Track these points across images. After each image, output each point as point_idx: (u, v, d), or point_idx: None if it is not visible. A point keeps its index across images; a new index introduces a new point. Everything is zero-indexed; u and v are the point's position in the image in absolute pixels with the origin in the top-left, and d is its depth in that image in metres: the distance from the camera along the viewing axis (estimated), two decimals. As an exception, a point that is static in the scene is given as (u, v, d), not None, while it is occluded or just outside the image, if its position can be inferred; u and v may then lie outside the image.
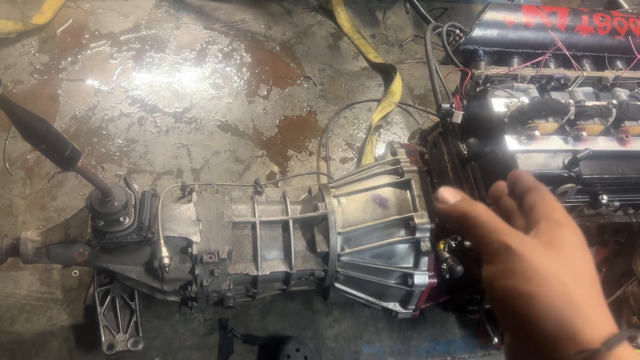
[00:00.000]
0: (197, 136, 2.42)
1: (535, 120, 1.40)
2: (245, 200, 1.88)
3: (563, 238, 0.63)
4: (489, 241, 0.63)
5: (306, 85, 2.73)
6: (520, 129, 1.40)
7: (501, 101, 1.48)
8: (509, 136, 1.41)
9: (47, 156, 1.31)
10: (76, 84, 2.45)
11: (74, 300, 1.98)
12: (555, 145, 1.43)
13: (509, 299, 0.58)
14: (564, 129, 1.45)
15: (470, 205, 0.68)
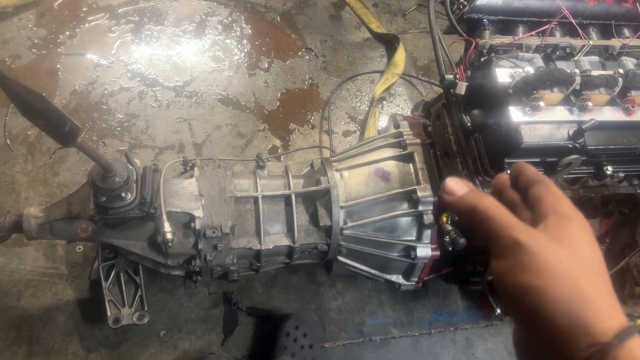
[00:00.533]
0: (198, 110, 2.40)
1: (540, 91, 1.37)
2: (247, 174, 1.87)
3: (572, 232, 0.63)
4: (498, 236, 0.62)
5: (308, 57, 2.70)
6: (525, 100, 1.38)
7: (506, 71, 1.45)
8: (514, 107, 1.39)
9: (45, 132, 1.29)
10: (75, 58, 2.42)
11: (79, 275, 1.99)
12: (560, 116, 1.41)
13: (520, 293, 0.59)
14: (569, 100, 1.42)
15: (479, 199, 0.67)
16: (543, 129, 1.39)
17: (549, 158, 1.44)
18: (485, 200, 0.66)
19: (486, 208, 0.65)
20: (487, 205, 0.65)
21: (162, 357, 1.93)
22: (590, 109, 1.42)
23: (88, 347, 1.90)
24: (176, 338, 1.96)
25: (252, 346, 2.01)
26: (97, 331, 1.92)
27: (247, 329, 2.03)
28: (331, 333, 2.09)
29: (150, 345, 1.94)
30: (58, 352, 1.87)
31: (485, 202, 0.66)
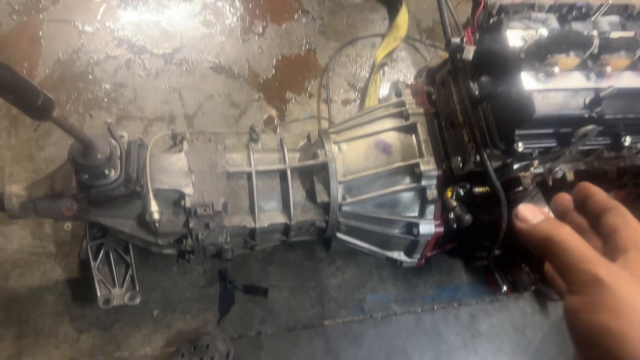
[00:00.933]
0: (189, 79, 2.28)
1: (554, 55, 1.25)
2: (240, 148, 1.77)
3: None
4: (576, 270, 0.57)
5: (304, 20, 2.55)
6: (538, 66, 1.26)
7: (517, 34, 1.32)
8: (526, 73, 1.27)
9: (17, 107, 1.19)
10: (58, 25, 2.28)
11: (68, 253, 1.92)
12: (576, 83, 1.29)
13: (596, 333, 0.54)
14: (585, 64, 1.30)
15: (556, 229, 0.61)
16: (557, 97, 1.27)
17: (562, 129, 1.33)
18: (562, 230, 0.60)
19: (563, 239, 0.59)
20: (564, 236, 0.59)
21: (156, 337, 1.87)
22: (609, 75, 1.30)
23: (79, 328, 1.84)
24: (170, 318, 1.90)
25: (248, 325, 1.94)
26: (89, 311, 1.86)
27: (244, 307, 1.96)
28: (330, 311, 2.02)
29: (143, 325, 1.88)
30: (48, 334, 1.81)
31: (563, 232, 0.60)
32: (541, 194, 1.53)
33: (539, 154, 1.37)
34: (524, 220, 0.65)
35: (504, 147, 1.35)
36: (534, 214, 0.65)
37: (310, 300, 2.02)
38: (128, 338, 1.85)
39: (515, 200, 1.52)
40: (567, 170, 1.47)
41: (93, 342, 1.82)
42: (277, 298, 2.00)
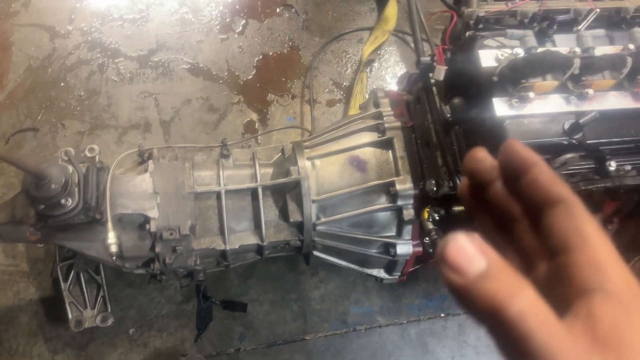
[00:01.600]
0: (165, 83, 2.19)
1: (529, 79, 1.14)
2: (210, 165, 1.69)
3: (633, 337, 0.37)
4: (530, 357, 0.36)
5: (287, 15, 2.43)
6: (512, 90, 1.16)
7: (491, 53, 1.21)
8: (498, 99, 1.17)
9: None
10: (29, 30, 2.20)
11: (42, 271, 1.88)
12: (555, 107, 1.19)
13: None
14: (566, 87, 1.19)
15: (511, 296, 0.36)
16: (533, 124, 1.17)
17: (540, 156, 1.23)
18: (522, 299, 0.36)
19: (522, 316, 0.36)
20: (524, 312, 0.36)
21: (132, 356, 1.84)
22: (591, 97, 1.19)
23: (54, 348, 1.81)
24: (146, 336, 1.86)
25: (227, 342, 1.90)
26: (63, 331, 1.83)
27: (222, 323, 1.92)
28: (312, 324, 1.97)
29: (119, 344, 1.84)
30: (22, 354, 1.79)
31: (522, 303, 0.36)
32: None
33: (516, 181, 1.27)
34: (458, 270, 0.37)
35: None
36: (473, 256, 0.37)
37: (292, 314, 1.97)
38: (103, 358, 1.82)
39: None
40: (549, 194, 1.38)
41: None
42: (257, 313, 1.95)
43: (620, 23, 1.44)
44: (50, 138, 2.01)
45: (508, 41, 1.25)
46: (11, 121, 2.04)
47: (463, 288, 0.37)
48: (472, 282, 0.37)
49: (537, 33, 1.27)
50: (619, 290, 0.38)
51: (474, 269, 0.37)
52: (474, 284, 0.37)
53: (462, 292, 0.37)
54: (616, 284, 0.39)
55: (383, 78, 2.41)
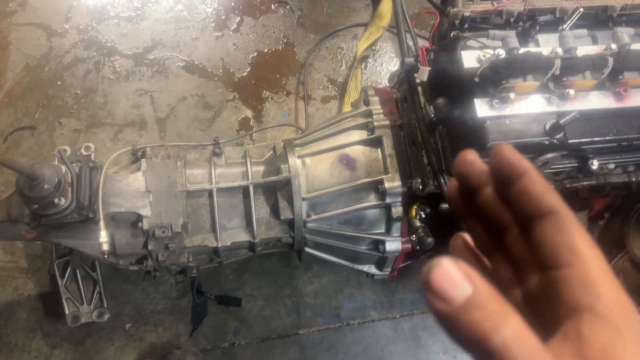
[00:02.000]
0: (160, 81, 2.21)
1: (510, 80, 1.16)
2: (202, 163, 1.71)
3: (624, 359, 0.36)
4: None
5: (282, 12, 2.44)
6: (493, 91, 1.17)
7: (473, 54, 1.23)
8: (480, 100, 1.18)
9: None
10: (26, 29, 2.22)
11: (40, 268, 1.91)
12: (536, 107, 1.20)
13: None
14: (547, 87, 1.20)
15: (497, 326, 0.35)
16: (515, 124, 1.19)
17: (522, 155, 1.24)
18: (508, 328, 0.35)
19: (508, 346, 0.35)
20: (510, 341, 0.35)
21: (128, 350, 1.87)
22: (572, 97, 1.20)
23: (52, 343, 1.85)
24: (142, 331, 1.90)
25: (222, 336, 1.93)
26: (61, 326, 1.86)
27: (217, 318, 1.95)
28: (306, 319, 2.00)
29: (115, 339, 1.88)
30: (21, 349, 1.83)
31: (508, 333, 0.35)
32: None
33: (498, 180, 1.29)
34: (443, 298, 0.36)
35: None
36: (460, 281, 0.36)
37: (286, 309, 2.00)
38: (100, 352, 1.85)
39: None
40: (534, 192, 1.39)
41: (65, 357, 1.84)
42: (252, 307, 1.98)
43: (606, 21, 1.45)
44: (47, 136, 2.04)
45: (490, 42, 1.26)
46: (9, 120, 2.07)
47: (448, 316, 0.36)
48: (458, 310, 0.36)
49: (519, 33, 1.28)
50: (610, 311, 0.37)
51: (460, 295, 0.36)
52: (459, 312, 0.36)
53: (447, 320, 0.37)
54: (607, 304, 0.37)
55: (378, 74, 2.42)
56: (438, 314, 0.37)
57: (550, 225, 0.40)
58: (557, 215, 0.40)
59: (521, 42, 1.25)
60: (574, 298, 0.38)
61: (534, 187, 0.41)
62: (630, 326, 0.37)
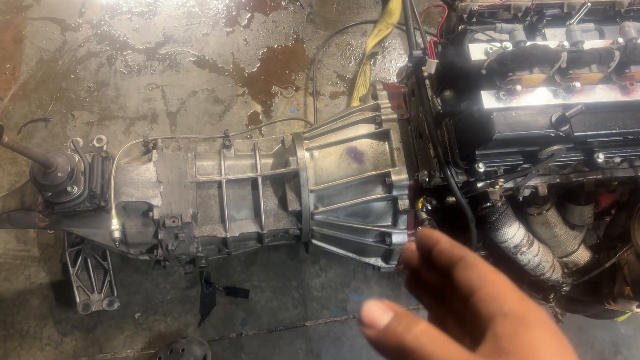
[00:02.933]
0: (171, 75, 2.24)
1: (517, 73, 1.17)
2: (212, 155, 1.74)
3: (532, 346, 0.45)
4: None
5: (292, 8, 2.47)
6: (500, 83, 1.19)
7: (481, 47, 1.24)
8: (486, 92, 1.19)
9: (-36, 139, 1.19)
10: (41, 23, 2.26)
11: (52, 257, 1.95)
12: (542, 100, 1.21)
13: None
14: (553, 80, 1.22)
15: (407, 331, 0.46)
16: (521, 116, 1.20)
17: (528, 148, 1.26)
18: (415, 331, 0.46)
19: (418, 345, 0.45)
20: (418, 341, 0.45)
21: (137, 339, 1.90)
22: (579, 90, 1.21)
23: (63, 330, 1.88)
24: (151, 320, 1.93)
25: (229, 327, 1.96)
26: (72, 314, 1.90)
27: (225, 309, 1.98)
28: (313, 311, 2.02)
29: (125, 327, 1.91)
30: (33, 336, 1.86)
31: (416, 334, 0.46)
32: (511, 210, 1.47)
33: (504, 172, 1.30)
34: (371, 326, 0.48)
35: (465, 167, 1.29)
36: (381, 312, 0.48)
37: (293, 301, 2.02)
38: (110, 340, 1.89)
39: (484, 216, 1.47)
40: (540, 185, 1.40)
41: (76, 344, 1.87)
42: (259, 299, 2.00)
43: (614, 17, 1.45)
44: (60, 128, 2.08)
45: (498, 35, 1.28)
46: (23, 112, 2.11)
47: (375, 337, 0.48)
48: (382, 331, 0.47)
49: (526, 27, 1.29)
50: (515, 309, 0.47)
51: (383, 320, 0.48)
52: (383, 332, 0.47)
53: (375, 340, 0.48)
54: (512, 305, 0.47)
55: (386, 70, 2.43)
56: (369, 339, 0.48)
57: (462, 268, 0.51)
58: (464, 259, 0.52)
59: (528, 36, 1.27)
60: (488, 310, 0.47)
61: (445, 246, 0.54)
62: (534, 316, 0.47)
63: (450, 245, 0.54)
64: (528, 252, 1.49)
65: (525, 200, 1.44)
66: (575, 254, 1.57)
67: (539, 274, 1.55)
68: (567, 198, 1.55)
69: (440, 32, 1.39)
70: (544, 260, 1.52)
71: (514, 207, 1.50)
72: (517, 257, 1.51)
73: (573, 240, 1.56)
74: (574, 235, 1.56)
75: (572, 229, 1.56)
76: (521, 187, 1.37)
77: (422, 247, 0.57)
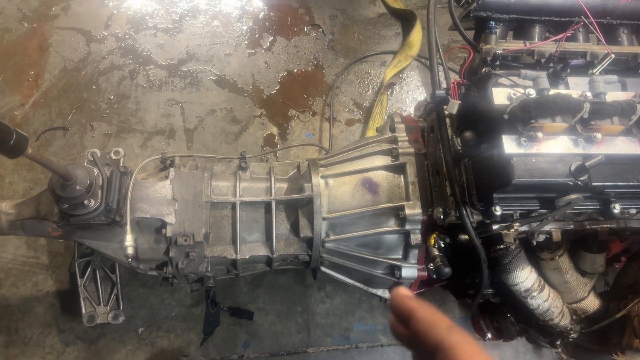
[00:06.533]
0: (191, 92, 2.27)
1: (539, 120, 1.18)
2: (228, 176, 1.75)
3: None
4: None
5: (314, 35, 2.50)
6: (522, 129, 1.20)
7: (504, 92, 1.26)
8: (508, 136, 1.21)
9: (-11, 148, 1.20)
10: (67, 33, 2.30)
11: (60, 265, 1.95)
12: (563, 148, 1.22)
13: None
14: (574, 129, 1.23)
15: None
16: (540, 162, 1.21)
17: (546, 194, 1.26)
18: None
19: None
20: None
21: (139, 354, 1.90)
22: (599, 141, 1.23)
23: (66, 340, 1.88)
24: (155, 336, 1.92)
25: (232, 348, 1.95)
26: (76, 324, 1.90)
27: (229, 329, 1.97)
28: (316, 338, 2.01)
29: (128, 341, 1.91)
30: (36, 344, 1.86)
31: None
32: (523, 253, 1.47)
33: (520, 216, 1.31)
34: None
35: (482, 208, 1.30)
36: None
37: (297, 326, 2.02)
38: (112, 353, 1.88)
39: (497, 258, 1.47)
40: (554, 230, 1.40)
41: (78, 356, 1.86)
42: (263, 322, 2.00)
43: (636, 68, 1.47)
44: (78, 138, 2.10)
45: (521, 81, 1.29)
46: (43, 119, 2.13)
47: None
48: None
49: (550, 75, 1.31)
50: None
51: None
52: None
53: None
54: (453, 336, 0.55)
55: (403, 101, 2.45)
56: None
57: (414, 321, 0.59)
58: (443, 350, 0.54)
59: (552, 83, 1.28)
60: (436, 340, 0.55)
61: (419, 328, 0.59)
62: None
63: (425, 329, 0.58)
64: (538, 296, 1.49)
65: (538, 245, 1.44)
66: (585, 301, 1.57)
67: (548, 319, 1.55)
68: (579, 245, 1.55)
69: (463, 73, 1.41)
70: (553, 305, 1.52)
71: (526, 250, 1.50)
72: (527, 300, 1.51)
73: (583, 287, 1.56)
74: (584, 282, 1.56)
75: (583, 276, 1.56)
76: (536, 232, 1.37)
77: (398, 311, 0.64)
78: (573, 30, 1.38)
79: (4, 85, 2.12)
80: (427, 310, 0.60)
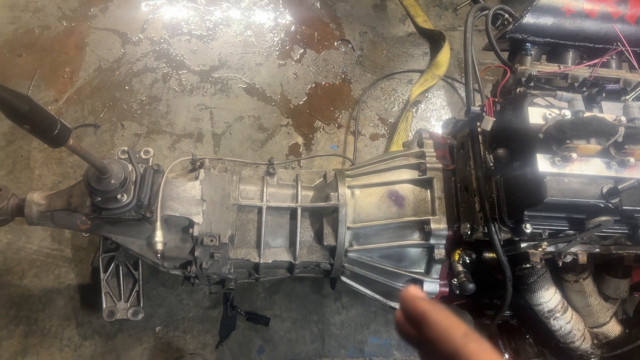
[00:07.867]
0: (221, 98, 2.31)
1: (574, 141, 1.20)
2: (256, 181, 1.78)
3: None
4: None
5: (344, 50, 2.54)
6: (556, 149, 1.21)
7: (539, 112, 1.28)
8: (542, 155, 1.22)
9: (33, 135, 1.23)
10: (103, 33, 2.36)
11: (83, 259, 1.98)
12: (595, 170, 1.24)
13: None
14: (608, 152, 1.24)
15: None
16: (573, 183, 1.22)
17: (576, 215, 1.27)
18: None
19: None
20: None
21: (155, 352, 1.91)
22: (632, 165, 1.24)
23: (84, 333, 1.90)
24: (171, 335, 1.94)
25: (246, 352, 1.96)
26: (95, 319, 1.92)
27: (244, 334, 1.98)
28: (330, 348, 2.01)
29: (144, 339, 1.92)
30: (54, 336, 1.88)
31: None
32: (549, 274, 1.48)
33: (549, 236, 1.32)
34: None
35: (512, 225, 1.31)
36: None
37: (311, 335, 2.02)
38: (128, 350, 1.89)
39: (522, 277, 1.47)
40: (580, 253, 1.41)
41: (95, 350, 1.88)
42: (279, 328, 2.01)
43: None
44: (109, 136, 2.14)
45: (557, 102, 1.31)
46: (75, 115, 2.18)
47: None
48: None
49: (585, 98, 1.33)
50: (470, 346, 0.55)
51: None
52: None
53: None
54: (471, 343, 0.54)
55: (428, 119, 2.48)
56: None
57: (426, 326, 0.58)
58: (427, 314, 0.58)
59: (587, 106, 1.30)
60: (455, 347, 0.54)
61: (433, 334, 0.58)
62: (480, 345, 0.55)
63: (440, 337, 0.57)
64: (561, 318, 1.49)
65: (563, 266, 1.45)
66: (607, 326, 1.56)
67: (569, 341, 1.54)
68: (604, 269, 1.55)
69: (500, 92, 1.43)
70: (575, 328, 1.52)
71: (550, 271, 1.51)
72: (549, 321, 1.51)
73: (606, 312, 1.56)
74: (607, 307, 1.56)
75: (606, 301, 1.56)
76: (562, 253, 1.38)
77: (408, 316, 0.64)
78: (609, 56, 1.40)
79: (40, 80, 2.18)
80: (441, 314, 0.57)
